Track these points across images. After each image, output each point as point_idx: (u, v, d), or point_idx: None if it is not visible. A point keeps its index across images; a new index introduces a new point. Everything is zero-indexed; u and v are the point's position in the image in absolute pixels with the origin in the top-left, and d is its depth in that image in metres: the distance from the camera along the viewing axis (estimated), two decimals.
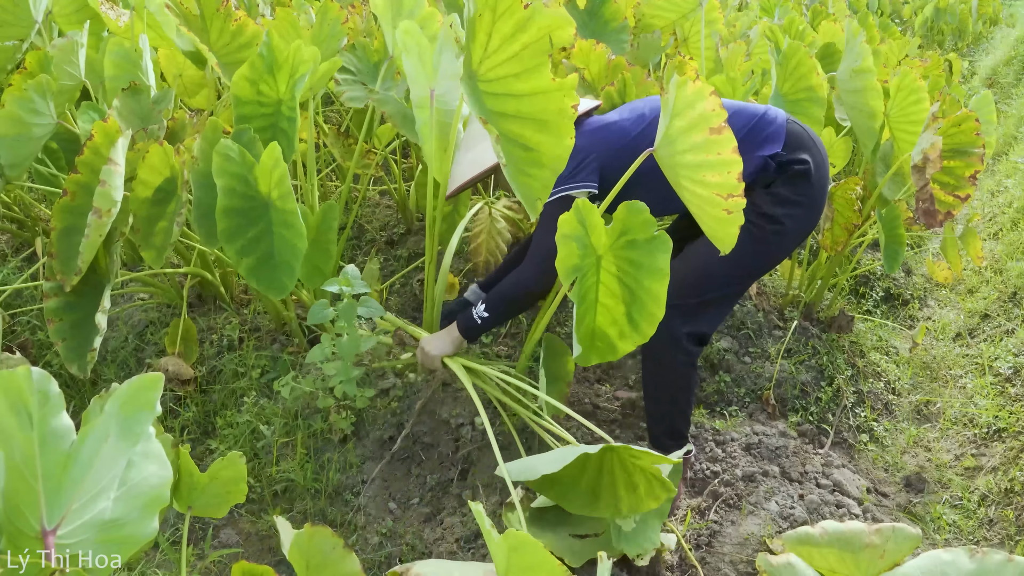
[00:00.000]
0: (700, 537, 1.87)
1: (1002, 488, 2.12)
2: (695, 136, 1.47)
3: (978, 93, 3.09)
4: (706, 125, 1.44)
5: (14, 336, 2.65)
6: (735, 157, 1.43)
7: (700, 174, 1.50)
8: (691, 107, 1.45)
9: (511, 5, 1.64)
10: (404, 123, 2.44)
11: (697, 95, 1.43)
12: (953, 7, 8.86)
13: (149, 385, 0.91)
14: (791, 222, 1.84)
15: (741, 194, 1.46)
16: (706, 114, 1.43)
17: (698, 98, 1.43)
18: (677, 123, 1.50)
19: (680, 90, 1.45)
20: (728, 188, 1.47)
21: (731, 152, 1.43)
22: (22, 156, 2.14)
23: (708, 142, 1.45)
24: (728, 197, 1.47)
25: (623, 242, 1.65)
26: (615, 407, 2.39)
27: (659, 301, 1.63)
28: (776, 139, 1.81)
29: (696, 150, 1.48)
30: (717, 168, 1.46)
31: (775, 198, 1.82)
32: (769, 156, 1.79)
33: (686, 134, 1.48)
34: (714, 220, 1.55)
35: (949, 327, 3.18)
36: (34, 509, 0.82)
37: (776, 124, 1.83)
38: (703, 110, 1.43)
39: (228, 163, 1.87)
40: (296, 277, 1.93)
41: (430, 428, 2.08)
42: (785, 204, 1.82)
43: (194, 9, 2.33)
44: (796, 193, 1.83)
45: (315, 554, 1.07)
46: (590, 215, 1.61)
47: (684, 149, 1.51)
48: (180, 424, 2.31)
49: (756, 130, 1.81)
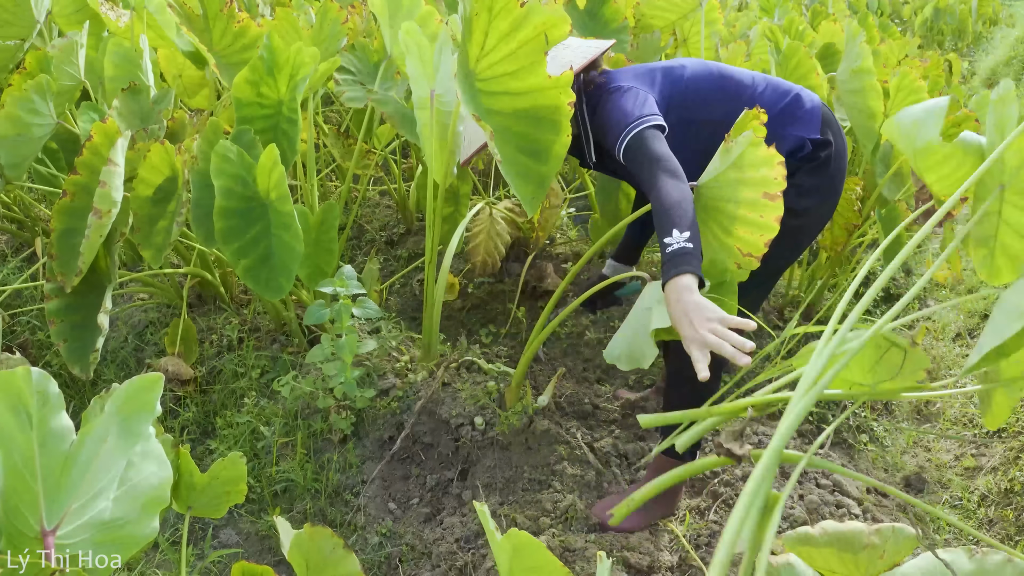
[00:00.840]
0: (700, 537, 1.87)
1: (1002, 488, 2.12)
2: (748, 192, 1.47)
3: (978, 93, 3.09)
4: (762, 188, 1.44)
5: (14, 336, 2.65)
6: (776, 226, 1.44)
7: (735, 226, 1.51)
8: (754, 168, 1.45)
9: (507, 4, 1.65)
10: (403, 123, 2.44)
11: (765, 161, 1.44)
12: (953, 7, 8.86)
13: (149, 385, 0.91)
14: (814, 212, 1.81)
15: (759, 259, 1.48)
16: (768, 179, 1.44)
17: (765, 164, 1.44)
18: (732, 174, 1.50)
19: (751, 150, 1.45)
20: (751, 247, 1.49)
21: (774, 220, 1.44)
22: (22, 156, 2.14)
23: (759, 203, 1.46)
24: (747, 255, 1.49)
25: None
26: (615, 407, 2.39)
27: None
28: (811, 121, 1.76)
29: (744, 205, 1.48)
30: (753, 227, 1.48)
31: (799, 189, 1.76)
32: (808, 138, 1.75)
33: (740, 187, 1.49)
34: (722, 264, 1.56)
35: (949, 327, 3.18)
36: (34, 509, 0.82)
37: (811, 106, 1.78)
38: (766, 175, 1.44)
39: (226, 164, 1.88)
40: (293, 278, 1.93)
41: (430, 428, 2.08)
42: (809, 195, 1.78)
43: (197, 10, 2.34)
44: (819, 182, 1.79)
45: (315, 554, 1.07)
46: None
47: (729, 198, 1.51)
48: (180, 424, 2.31)
49: (790, 108, 1.77)
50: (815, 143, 1.76)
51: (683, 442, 1.13)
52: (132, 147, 2.01)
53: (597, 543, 1.81)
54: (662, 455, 1.93)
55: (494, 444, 2.04)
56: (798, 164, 1.76)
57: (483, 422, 2.05)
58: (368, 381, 2.17)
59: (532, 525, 1.88)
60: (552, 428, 2.10)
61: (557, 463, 2.02)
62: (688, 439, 1.13)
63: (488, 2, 1.64)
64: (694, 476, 2.10)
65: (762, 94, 1.79)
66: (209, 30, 2.39)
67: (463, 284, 2.94)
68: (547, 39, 1.69)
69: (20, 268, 2.96)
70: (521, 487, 1.98)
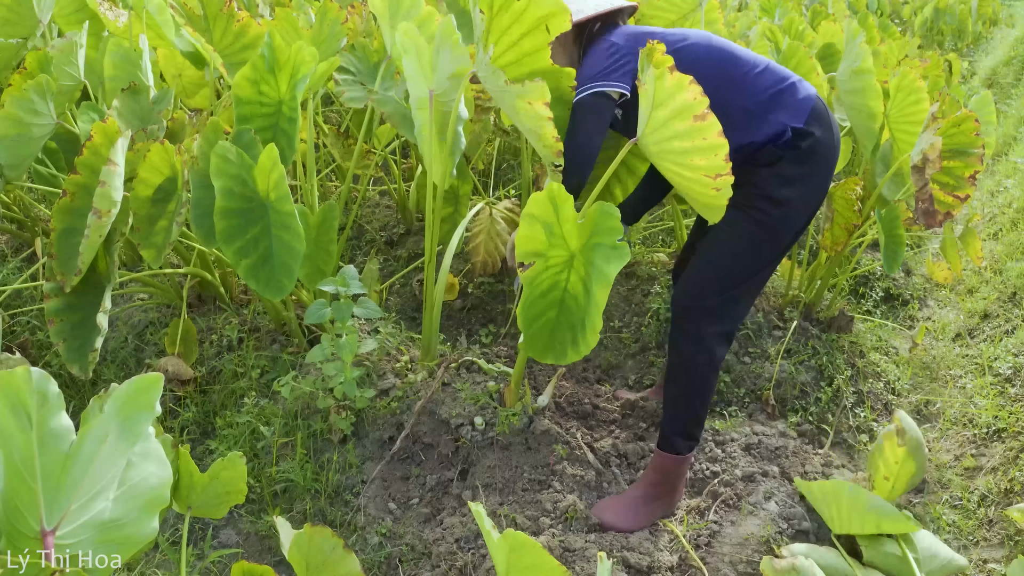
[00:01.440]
0: (700, 537, 1.87)
1: (1002, 488, 2.12)
2: (679, 124, 1.49)
3: (978, 93, 3.09)
4: (690, 113, 1.46)
5: (14, 336, 2.65)
6: (721, 140, 1.46)
7: (687, 159, 1.53)
8: (672, 98, 1.48)
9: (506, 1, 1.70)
10: (403, 123, 2.44)
11: (677, 86, 1.46)
12: (953, 7, 8.86)
13: (148, 385, 0.91)
14: (797, 201, 1.80)
15: (728, 172, 1.49)
16: (689, 103, 1.46)
17: (678, 89, 1.46)
18: (659, 113, 1.52)
19: (659, 82, 1.47)
20: (716, 169, 1.50)
21: (716, 136, 1.46)
22: (22, 156, 2.14)
23: (693, 129, 1.48)
24: (716, 177, 1.51)
25: (592, 244, 1.67)
26: (615, 407, 2.39)
27: (600, 310, 1.66)
28: (799, 111, 1.77)
29: (682, 137, 1.51)
30: (704, 152, 1.49)
31: (781, 178, 1.78)
32: (790, 125, 1.76)
33: (670, 122, 1.51)
34: (703, 198, 1.59)
35: (949, 327, 3.18)
36: (33, 509, 0.82)
37: (804, 96, 1.79)
38: (685, 100, 1.46)
39: (226, 164, 1.88)
40: (295, 278, 1.93)
41: (430, 428, 2.08)
42: (790, 183, 1.78)
43: (197, 10, 2.34)
44: (801, 171, 1.78)
45: (315, 554, 1.07)
46: (564, 205, 1.63)
47: (669, 136, 1.53)
48: (180, 424, 2.31)
49: (781, 95, 1.78)
50: (796, 132, 1.76)
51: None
52: (132, 147, 2.01)
53: (597, 543, 1.81)
54: (662, 451, 1.93)
55: (494, 444, 2.04)
56: (781, 153, 1.77)
57: (483, 422, 2.05)
58: (368, 381, 2.17)
59: (532, 525, 1.88)
60: (552, 428, 2.10)
61: (557, 463, 2.02)
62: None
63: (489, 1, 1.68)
64: (693, 476, 2.10)
65: (758, 75, 1.80)
66: (209, 30, 2.39)
67: (463, 284, 2.94)
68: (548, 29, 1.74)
69: (20, 268, 2.96)
70: (521, 487, 1.98)
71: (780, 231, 1.82)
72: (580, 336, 1.71)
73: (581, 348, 1.70)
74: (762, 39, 3.31)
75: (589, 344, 1.68)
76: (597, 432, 2.27)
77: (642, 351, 2.73)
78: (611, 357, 2.70)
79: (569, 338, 1.73)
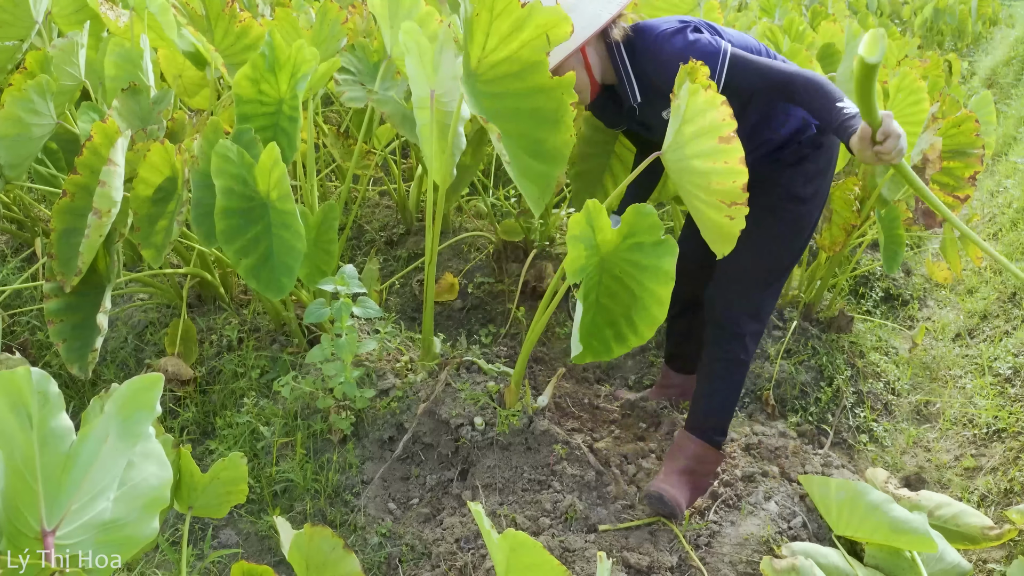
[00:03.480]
0: (700, 537, 1.87)
1: (1002, 488, 2.12)
2: (704, 143, 1.48)
3: (977, 94, 3.09)
4: (716, 134, 1.45)
5: (14, 336, 2.65)
6: (741, 167, 1.45)
7: (707, 180, 1.51)
8: (702, 115, 1.46)
9: (508, 4, 1.65)
10: (403, 124, 2.44)
11: (709, 104, 1.44)
12: (952, 7, 8.86)
13: (149, 385, 0.91)
14: (818, 197, 1.89)
15: (744, 203, 1.48)
16: (716, 123, 1.44)
17: (709, 107, 1.44)
18: (687, 129, 1.51)
19: (692, 98, 1.46)
20: (732, 196, 1.48)
21: (738, 162, 1.45)
22: (22, 156, 2.14)
23: (717, 150, 1.46)
24: (731, 205, 1.49)
25: (628, 244, 1.66)
26: (615, 407, 2.39)
27: (662, 304, 1.64)
28: None
29: (704, 157, 1.49)
30: (723, 176, 1.48)
31: (806, 176, 1.85)
32: (813, 121, 1.81)
33: (695, 140, 1.50)
34: (715, 225, 1.56)
35: (949, 327, 3.18)
36: (34, 509, 0.82)
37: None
38: (714, 119, 1.44)
39: (227, 164, 1.88)
40: (295, 278, 1.93)
41: (430, 428, 2.08)
42: (812, 180, 1.86)
43: (199, 10, 2.34)
44: (821, 167, 1.87)
45: (315, 554, 1.07)
46: (598, 216, 1.62)
47: (692, 155, 1.52)
48: (180, 424, 2.31)
49: None
50: (819, 127, 1.82)
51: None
52: (132, 147, 2.01)
53: (597, 543, 1.81)
54: (695, 440, 1.98)
55: (494, 444, 2.04)
56: (805, 151, 1.81)
57: (483, 422, 2.05)
58: (368, 381, 2.17)
59: (532, 525, 1.88)
60: (552, 428, 2.10)
61: (557, 463, 2.02)
62: None
63: (489, 3, 1.65)
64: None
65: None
66: (211, 30, 2.39)
67: (463, 284, 2.94)
68: (548, 39, 1.70)
69: (20, 268, 2.96)
70: (521, 487, 1.98)
71: (806, 227, 1.91)
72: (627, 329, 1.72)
73: (631, 340, 1.72)
74: (762, 39, 3.31)
75: (643, 336, 1.69)
76: (597, 432, 2.27)
77: (642, 351, 2.73)
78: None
79: (611, 334, 1.75)
